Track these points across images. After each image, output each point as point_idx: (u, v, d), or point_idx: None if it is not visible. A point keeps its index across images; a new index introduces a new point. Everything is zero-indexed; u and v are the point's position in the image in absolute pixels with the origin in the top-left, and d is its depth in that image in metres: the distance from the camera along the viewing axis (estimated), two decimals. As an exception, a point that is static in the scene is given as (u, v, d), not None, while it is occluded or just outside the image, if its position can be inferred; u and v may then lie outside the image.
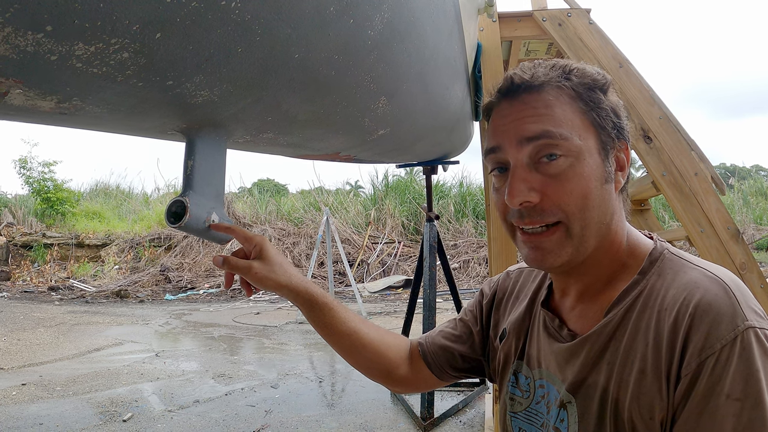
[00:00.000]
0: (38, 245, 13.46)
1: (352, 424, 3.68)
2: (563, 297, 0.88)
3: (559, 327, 0.85)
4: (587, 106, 0.77)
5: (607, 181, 0.77)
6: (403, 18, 1.10)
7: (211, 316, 8.39)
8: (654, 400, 0.69)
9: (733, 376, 0.64)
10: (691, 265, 0.75)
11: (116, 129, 0.97)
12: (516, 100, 0.78)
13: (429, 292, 3.82)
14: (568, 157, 0.74)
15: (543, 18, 2.93)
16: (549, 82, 0.77)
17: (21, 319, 8.04)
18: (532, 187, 0.74)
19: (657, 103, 2.80)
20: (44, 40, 0.56)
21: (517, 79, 0.78)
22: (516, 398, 0.91)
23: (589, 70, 0.79)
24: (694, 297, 0.69)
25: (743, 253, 2.60)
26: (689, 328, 0.67)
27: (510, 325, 0.96)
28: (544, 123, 0.74)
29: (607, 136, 0.77)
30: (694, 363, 0.66)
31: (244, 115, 0.96)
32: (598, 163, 0.76)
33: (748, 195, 16.48)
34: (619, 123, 0.79)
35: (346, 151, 1.76)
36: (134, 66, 0.66)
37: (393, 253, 12.44)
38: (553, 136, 0.74)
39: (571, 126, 0.75)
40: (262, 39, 0.75)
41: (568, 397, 0.79)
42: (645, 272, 0.77)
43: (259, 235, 1.00)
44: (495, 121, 0.81)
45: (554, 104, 0.76)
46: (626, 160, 0.81)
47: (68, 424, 3.72)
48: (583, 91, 0.77)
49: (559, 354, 0.82)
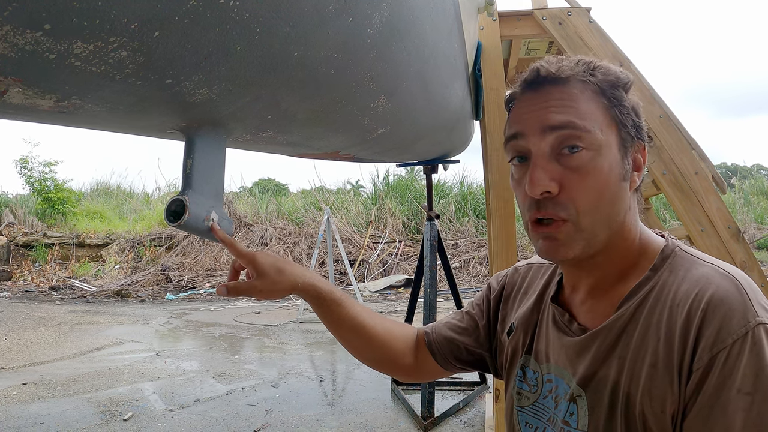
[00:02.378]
0: (39, 245, 13.47)
1: (352, 423, 3.68)
2: (573, 292, 0.88)
3: (569, 321, 0.86)
4: (610, 102, 0.78)
5: (624, 178, 0.78)
6: (403, 16, 1.10)
7: (211, 316, 8.39)
8: (665, 394, 0.69)
9: (744, 370, 0.64)
10: (703, 262, 0.76)
11: (115, 128, 0.97)
12: (541, 91, 0.79)
13: (429, 291, 3.82)
14: (590, 150, 0.75)
15: (543, 17, 2.92)
16: (575, 76, 0.78)
17: (22, 319, 8.04)
18: (552, 178, 0.75)
19: (657, 102, 2.80)
20: (43, 38, 0.56)
21: (543, 71, 0.78)
22: (523, 392, 0.92)
23: (613, 69, 0.80)
24: (707, 292, 0.70)
25: (744, 252, 2.60)
26: (701, 323, 0.68)
27: (518, 320, 0.97)
28: (568, 114, 0.75)
29: (627, 134, 0.79)
30: (705, 357, 0.67)
31: (244, 113, 0.96)
32: (617, 159, 0.77)
33: (749, 194, 16.46)
34: (638, 122, 0.81)
35: (346, 149, 1.76)
36: (133, 64, 0.66)
37: (394, 252, 12.44)
38: (577, 127, 0.75)
39: (594, 120, 0.76)
40: (260, 37, 0.75)
41: (578, 391, 0.79)
42: (657, 268, 0.78)
43: (250, 251, 1.00)
44: (518, 109, 0.81)
45: (579, 97, 0.77)
46: (643, 161, 0.82)
47: (69, 424, 3.73)
48: (607, 87, 0.78)
49: (569, 348, 0.83)
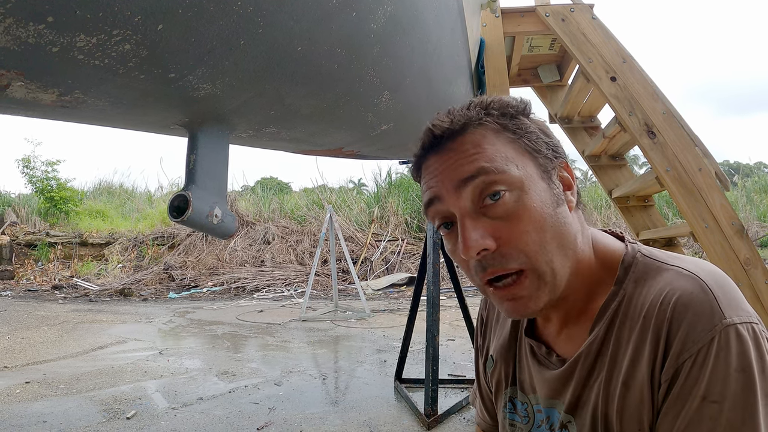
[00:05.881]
0: (42, 244, 13.49)
1: (355, 421, 3.68)
2: (547, 323, 0.86)
3: (547, 354, 0.83)
4: (515, 135, 0.74)
5: (558, 204, 0.73)
6: (406, 12, 1.09)
7: (214, 314, 8.40)
8: (641, 411, 0.67)
9: (710, 377, 0.62)
10: (666, 266, 0.73)
11: (118, 123, 0.97)
12: (443, 149, 0.74)
13: (432, 289, 3.82)
14: (512, 190, 0.70)
15: (546, 13, 2.92)
16: (470, 123, 0.73)
17: (25, 318, 8.06)
18: (485, 233, 0.70)
19: (660, 99, 2.79)
20: (45, 31, 0.55)
21: (437, 130, 0.74)
22: (516, 424, 0.90)
23: (506, 99, 0.76)
24: (671, 300, 0.67)
25: (748, 249, 2.59)
26: (668, 333, 0.66)
27: (496, 352, 0.94)
28: (476, 161, 0.71)
29: (544, 159, 0.74)
30: (672, 368, 0.65)
31: (247, 108, 0.95)
32: (544, 188, 0.72)
33: (752, 192, 16.41)
34: (551, 142, 0.76)
35: (349, 146, 1.75)
36: (136, 58, 0.66)
37: (396, 250, 12.44)
38: (490, 171, 0.70)
39: (505, 158, 0.71)
40: (264, 31, 0.75)
41: (567, 418, 0.78)
42: (621, 281, 0.75)
43: None
44: (427, 176, 0.77)
45: (481, 142, 0.72)
46: (571, 177, 0.77)
47: (71, 422, 3.73)
48: (507, 121, 0.74)
49: (552, 381, 0.81)
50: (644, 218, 3.46)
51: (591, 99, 3.46)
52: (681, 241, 3.43)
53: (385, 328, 7.03)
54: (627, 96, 2.81)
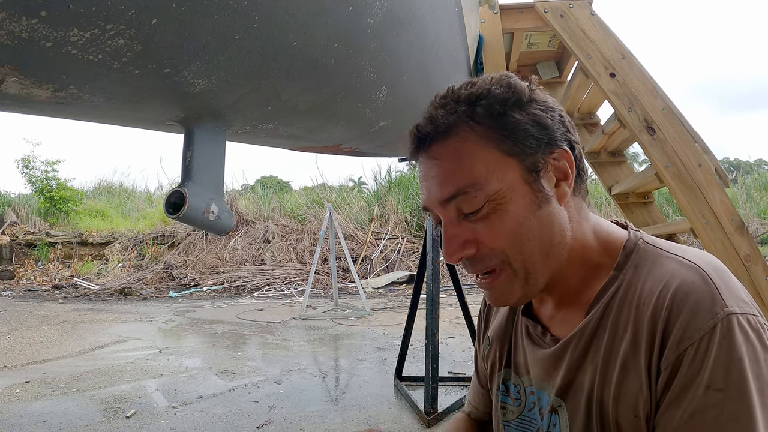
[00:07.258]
0: (42, 244, 13.49)
1: (355, 419, 3.68)
2: (543, 304, 0.87)
3: (542, 334, 0.84)
4: (500, 135, 0.72)
5: (541, 206, 0.73)
6: (403, 7, 1.09)
7: (214, 313, 8.40)
8: (637, 398, 0.67)
9: (713, 365, 0.62)
10: (667, 254, 0.73)
11: (114, 119, 0.96)
12: (428, 154, 0.76)
13: (432, 287, 3.81)
14: (491, 201, 0.72)
15: (545, 9, 2.91)
16: (455, 125, 0.73)
17: (25, 318, 8.06)
18: (465, 240, 0.73)
19: (660, 95, 2.78)
20: (39, 25, 0.55)
21: (422, 131, 0.75)
22: (508, 407, 0.90)
23: (497, 92, 0.73)
24: (671, 288, 0.67)
25: (748, 245, 2.58)
26: (667, 320, 0.65)
27: (493, 334, 0.95)
28: (454, 181, 0.72)
29: (531, 159, 0.73)
30: (673, 355, 0.64)
31: (243, 104, 0.95)
32: (525, 193, 0.72)
33: (752, 189, 16.40)
34: (546, 134, 0.74)
35: (347, 143, 1.75)
36: (130, 53, 0.65)
37: (396, 248, 12.44)
38: (468, 191, 0.71)
39: (486, 169, 0.71)
40: (259, 26, 0.74)
41: (557, 402, 0.78)
42: (621, 267, 0.75)
43: None
44: (420, 175, 0.79)
45: (463, 151, 0.72)
46: (569, 164, 0.75)
47: (71, 421, 3.73)
48: (494, 121, 0.72)
49: (544, 360, 0.81)
50: (644, 215, 3.46)
51: (590, 95, 3.46)
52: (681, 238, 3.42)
53: (385, 326, 7.03)
54: (626, 92, 2.80)
